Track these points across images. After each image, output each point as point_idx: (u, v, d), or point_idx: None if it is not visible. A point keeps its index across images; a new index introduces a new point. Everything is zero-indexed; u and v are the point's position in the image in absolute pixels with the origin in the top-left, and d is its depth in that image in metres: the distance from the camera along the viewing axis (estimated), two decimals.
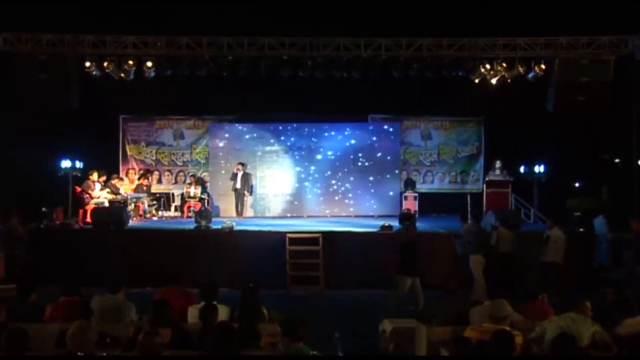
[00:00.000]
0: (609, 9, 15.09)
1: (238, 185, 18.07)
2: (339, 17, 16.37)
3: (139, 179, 18.90)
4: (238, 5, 15.64)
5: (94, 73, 15.81)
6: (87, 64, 15.58)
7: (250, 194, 18.65)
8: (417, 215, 16.84)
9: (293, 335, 5.74)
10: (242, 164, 18.29)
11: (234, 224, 15.51)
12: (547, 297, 8.19)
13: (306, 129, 19.90)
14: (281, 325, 6.05)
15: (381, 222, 15.60)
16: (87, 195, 16.74)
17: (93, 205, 16.45)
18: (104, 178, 17.45)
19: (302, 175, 19.75)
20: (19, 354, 5.52)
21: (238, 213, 18.13)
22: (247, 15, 16.05)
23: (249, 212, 18.83)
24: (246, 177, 18.20)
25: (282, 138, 19.84)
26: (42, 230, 15.37)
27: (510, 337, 5.72)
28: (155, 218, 18.37)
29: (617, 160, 21.28)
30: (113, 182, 17.60)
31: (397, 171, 20.02)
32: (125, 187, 18.37)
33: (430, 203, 19.79)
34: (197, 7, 15.77)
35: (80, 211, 16.52)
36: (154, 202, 18.91)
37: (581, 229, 15.46)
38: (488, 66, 16.02)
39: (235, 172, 18.15)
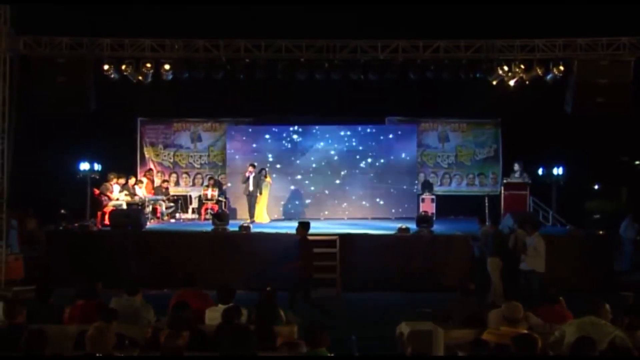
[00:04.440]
0: (629, 9, 14.95)
1: (251, 188, 17.64)
2: (356, 19, 16.38)
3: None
4: (254, 7, 15.69)
5: (112, 76, 15.89)
6: (105, 67, 15.66)
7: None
8: (434, 218, 16.75)
9: (314, 342, 5.73)
10: (253, 165, 17.92)
11: (251, 225, 15.54)
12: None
13: (323, 131, 19.92)
14: (302, 331, 6.06)
15: (398, 225, 15.55)
16: (106, 198, 16.85)
17: (111, 208, 16.55)
18: (122, 180, 17.55)
19: (319, 177, 19.75)
20: (38, 355, 5.56)
21: (250, 216, 17.63)
22: (263, 18, 16.08)
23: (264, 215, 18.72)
24: (258, 179, 17.82)
25: (299, 140, 19.86)
26: (60, 232, 15.47)
27: (534, 342, 5.67)
28: (172, 220, 18.44)
29: (636, 162, 21.11)
30: (131, 184, 17.70)
31: (414, 173, 19.99)
32: (143, 189, 18.45)
33: (447, 205, 19.75)
34: (213, 10, 15.84)
35: (99, 213, 16.62)
36: (172, 204, 18.98)
37: (600, 232, 15.33)
38: (506, 68, 15.90)
39: (247, 174, 17.74)
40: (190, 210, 19.56)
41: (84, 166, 17.12)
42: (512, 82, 16.35)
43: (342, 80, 16.46)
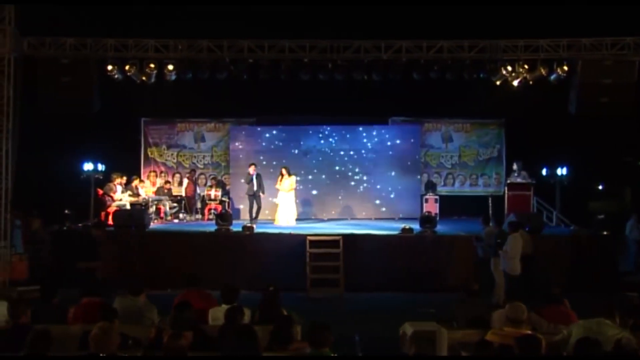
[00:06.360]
0: (633, 9, 14.90)
1: (255, 188, 17.29)
2: (359, 19, 16.35)
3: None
4: (258, 8, 15.68)
5: (116, 76, 15.91)
6: (109, 67, 15.67)
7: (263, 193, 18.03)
8: (437, 218, 16.73)
9: (317, 342, 5.73)
10: (255, 165, 17.63)
11: (254, 226, 15.54)
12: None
13: (326, 132, 19.93)
14: (305, 331, 6.04)
15: (402, 225, 15.53)
16: (109, 198, 16.86)
17: (115, 208, 16.56)
18: (125, 180, 17.55)
19: (323, 177, 19.76)
20: (43, 354, 5.57)
21: (252, 218, 17.17)
22: (267, 18, 16.07)
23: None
24: (260, 179, 17.53)
25: (303, 141, 19.86)
26: (64, 232, 15.49)
27: (538, 343, 5.66)
28: (176, 220, 18.44)
29: None
30: (134, 184, 17.71)
31: (418, 174, 19.98)
32: (147, 189, 18.47)
33: (451, 205, 19.73)
34: (217, 10, 15.84)
35: (102, 213, 16.64)
36: (175, 204, 18.98)
37: (605, 232, 15.29)
38: (509, 68, 15.87)
39: (251, 173, 17.39)
40: (193, 211, 19.55)
41: (88, 166, 17.16)
42: (515, 83, 16.32)
43: (345, 81, 16.46)
